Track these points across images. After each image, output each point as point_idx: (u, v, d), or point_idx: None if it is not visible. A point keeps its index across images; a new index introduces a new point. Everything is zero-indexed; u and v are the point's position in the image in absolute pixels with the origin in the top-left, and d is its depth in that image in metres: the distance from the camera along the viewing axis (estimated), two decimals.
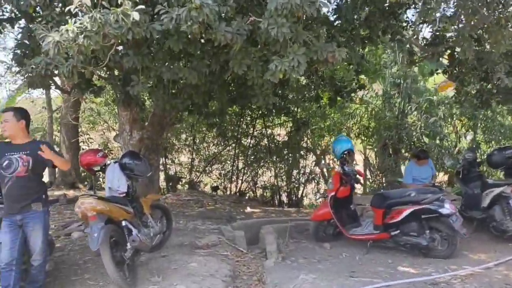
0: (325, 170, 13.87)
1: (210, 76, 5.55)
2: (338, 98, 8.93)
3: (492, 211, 6.00)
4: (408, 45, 7.78)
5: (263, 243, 5.94)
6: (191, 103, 6.18)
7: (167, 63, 5.07)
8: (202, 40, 4.90)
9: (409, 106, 12.61)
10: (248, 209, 9.82)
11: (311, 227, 6.29)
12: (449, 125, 12.69)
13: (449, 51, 7.42)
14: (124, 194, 4.85)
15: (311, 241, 6.27)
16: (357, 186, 8.04)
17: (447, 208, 5.25)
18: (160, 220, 5.52)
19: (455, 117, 12.47)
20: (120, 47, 4.86)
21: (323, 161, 13.55)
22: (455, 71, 7.93)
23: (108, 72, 5.97)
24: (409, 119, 12.56)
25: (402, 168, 13.49)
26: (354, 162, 10.51)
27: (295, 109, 11.92)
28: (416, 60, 8.30)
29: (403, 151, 13.24)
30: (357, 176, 5.99)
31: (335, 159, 15.27)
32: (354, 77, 8.83)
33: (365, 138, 13.81)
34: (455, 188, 7.07)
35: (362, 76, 11.09)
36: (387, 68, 13.06)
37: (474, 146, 11.14)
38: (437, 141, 12.26)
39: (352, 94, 9.07)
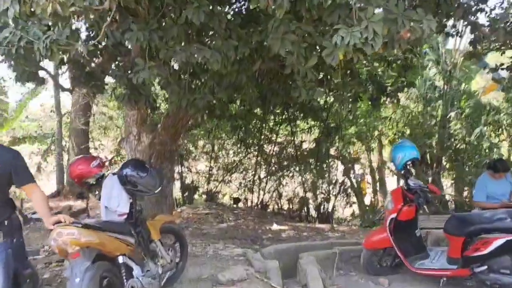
0: (354, 180, 12.56)
1: (237, 64, 4.32)
2: (382, 98, 7.60)
3: None
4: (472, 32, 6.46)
5: (303, 277, 4.65)
6: (213, 99, 4.92)
7: (183, 43, 3.84)
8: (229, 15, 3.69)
9: (452, 112, 11.26)
10: (275, 226, 8.54)
11: (363, 256, 4.96)
12: (498, 133, 11.20)
13: None
14: (126, 216, 3.64)
15: (363, 274, 4.96)
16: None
17: None
18: (172, 248, 4.29)
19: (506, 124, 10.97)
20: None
21: (356, 171, 12.21)
22: None
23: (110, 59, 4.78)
24: (452, 126, 11.16)
25: (443, 181, 12.12)
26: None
27: (326, 112, 10.60)
28: (481, 52, 6.95)
29: (444, 162, 11.87)
30: (428, 193, 4.64)
31: (362, 172, 14.23)
32: (399, 73, 7.50)
33: None
34: None
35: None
36: (427, 67, 11.73)
37: None
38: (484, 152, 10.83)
39: (399, 94, 7.72)
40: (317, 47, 3.64)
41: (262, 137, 11.79)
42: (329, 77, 5.52)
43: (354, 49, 2.95)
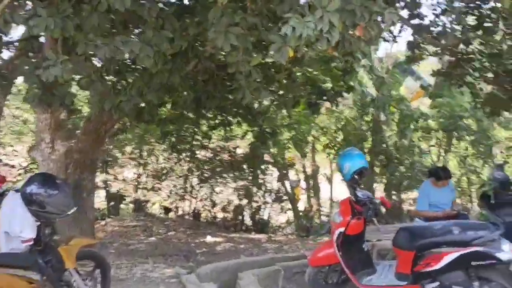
0: (289, 187, 12.31)
1: (170, 63, 3.78)
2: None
3: None
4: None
5: None
6: (141, 101, 4.30)
7: (106, 35, 3.22)
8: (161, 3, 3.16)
9: (384, 118, 11.39)
10: (209, 238, 8.00)
11: (309, 274, 4.57)
12: (427, 139, 11.45)
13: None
14: (31, 243, 2.96)
15: None
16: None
17: (507, 252, 3.72)
18: (91, 276, 3.64)
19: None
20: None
21: (291, 177, 11.97)
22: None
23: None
24: (385, 132, 11.28)
25: (376, 186, 12.22)
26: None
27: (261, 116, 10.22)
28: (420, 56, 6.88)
29: (375, 168, 11.95)
30: (378, 205, 4.35)
31: (299, 179, 14.06)
32: (339, 78, 7.30)
33: (333, 152, 12.37)
34: (481, 216, 5.64)
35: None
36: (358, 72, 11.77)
37: (501, 163, 9.93)
38: (416, 157, 11.00)
39: (339, 99, 7.50)
40: (263, 43, 3.19)
41: (195, 142, 11.18)
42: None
43: (306, 43, 2.55)
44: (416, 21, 6.31)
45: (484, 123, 10.17)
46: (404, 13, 5.63)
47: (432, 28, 5.57)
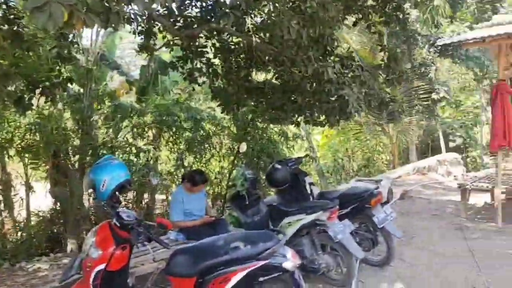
0: None
1: None
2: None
3: (299, 245, 4.62)
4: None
5: None
6: None
7: None
8: None
9: (95, 115, 10.23)
10: None
11: None
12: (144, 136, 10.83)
13: None
14: None
15: None
16: None
17: (290, 260, 3.45)
18: None
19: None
20: None
21: None
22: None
23: None
24: (100, 129, 10.13)
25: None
26: None
27: None
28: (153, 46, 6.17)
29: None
30: (153, 228, 3.36)
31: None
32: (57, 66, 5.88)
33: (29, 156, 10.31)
34: (231, 218, 5.35)
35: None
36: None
37: (249, 160, 9.83)
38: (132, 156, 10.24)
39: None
40: None
41: None
42: None
43: None
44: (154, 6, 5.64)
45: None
46: None
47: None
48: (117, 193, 3.34)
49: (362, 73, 5.02)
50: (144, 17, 5.45)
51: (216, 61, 6.82)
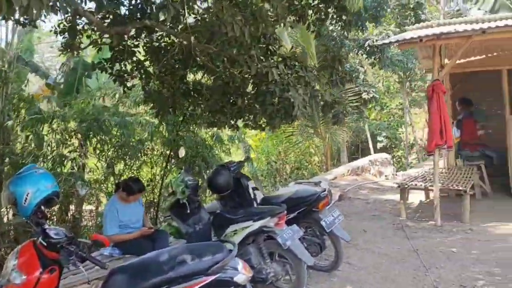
0: None
1: None
2: None
3: (245, 254, 4.36)
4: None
5: None
6: None
7: None
8: None
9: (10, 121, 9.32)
10: None
11: None
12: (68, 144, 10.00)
13: None
14: None
15: None
16: None
17: (242, 272, 3.18)
18: None
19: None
20: None
21: None
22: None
23: None
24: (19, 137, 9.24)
25: None
26: None
27: None
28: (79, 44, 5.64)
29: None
30: (92, 245, 2.92)
31: None
32: None
33: None
34: (170, 229, 4.96)
35: None
36: None
37: (188, 166, 9.18)
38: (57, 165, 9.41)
39: None
40: None
41: None
42: None
43: None
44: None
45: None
46: None
47: None
48: (42, 207, 2.89)
49: (306, 74, 4.91)
50: (69, 10, 4.94)
51: (148, 62, 6.40)
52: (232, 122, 6.60)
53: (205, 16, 5.05)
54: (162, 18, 4.90)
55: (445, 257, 5.57)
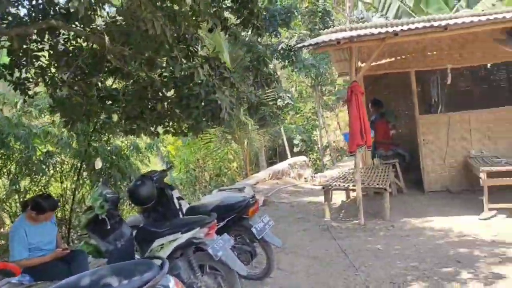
0: None
1: None
2: None
3: (174, 269, 4.05)
4: None
5: None
6: None
7: None
8: None
9: None
10: None
11: None
12: None
13: None
14: None
15: None
16: None
17: None
18: None
19: None
20: None
21: None
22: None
23: None
24: None
25: None
26: None
27: None
28: None
29: None
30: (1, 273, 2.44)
31: None
32: None
33: None
34: (87, 247, 4.48)
35: None
36: None
37: (106, 178, 8.31)
38: None
39: None
40: None
41: None
42: None
43: None
44: None
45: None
46: None
47: None
48: None
49: (231, 75, 4.73)
50: None
51: (54, 67, 5.83)
52: (152, 129, 6.23)
53: (118, 18, 4.68)
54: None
55: (372, 255, 5.67)
